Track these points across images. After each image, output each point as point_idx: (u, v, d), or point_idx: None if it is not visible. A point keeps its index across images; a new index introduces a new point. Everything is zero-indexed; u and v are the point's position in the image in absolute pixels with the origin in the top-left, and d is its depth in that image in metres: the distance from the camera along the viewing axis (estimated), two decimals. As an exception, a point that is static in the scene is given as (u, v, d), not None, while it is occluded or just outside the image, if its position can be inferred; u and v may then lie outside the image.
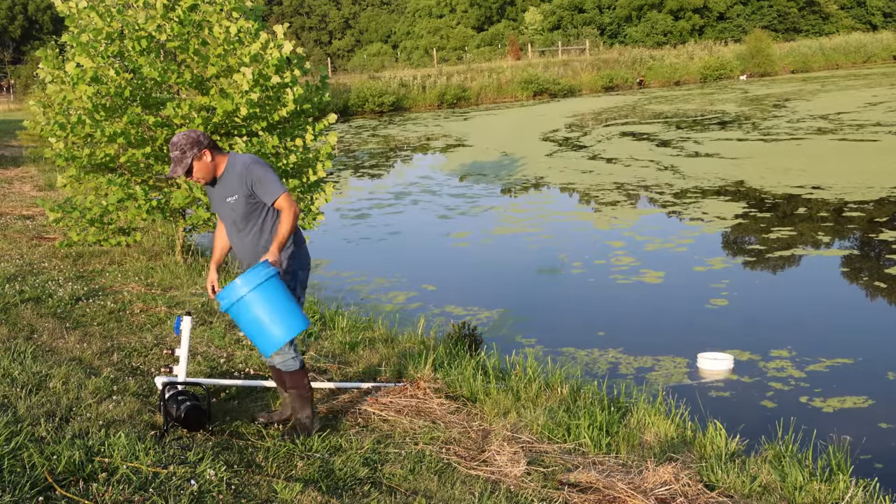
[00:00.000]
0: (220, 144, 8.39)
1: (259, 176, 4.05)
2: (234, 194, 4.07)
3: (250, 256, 4.19)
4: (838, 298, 8.10)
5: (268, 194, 4.06)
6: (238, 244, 4.25)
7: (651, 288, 8.55)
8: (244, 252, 4.24)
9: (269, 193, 4.06)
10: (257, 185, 4.06)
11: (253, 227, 4.15)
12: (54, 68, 8.38)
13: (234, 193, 4.07)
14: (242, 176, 4.05)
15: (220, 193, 4.15)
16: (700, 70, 46.05)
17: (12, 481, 3.38)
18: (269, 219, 4.16)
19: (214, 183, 4.15)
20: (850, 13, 63.59)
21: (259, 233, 4.16)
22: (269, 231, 4.14)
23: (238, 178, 4.06)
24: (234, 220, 4.15)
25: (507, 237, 11.49)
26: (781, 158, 16.44)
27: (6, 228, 10.78)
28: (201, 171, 4.06)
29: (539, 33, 64.48)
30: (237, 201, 4.08)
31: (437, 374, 5.28)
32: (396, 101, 38.60)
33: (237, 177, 4.06)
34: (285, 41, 8.16)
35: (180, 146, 3.98)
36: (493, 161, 19.39)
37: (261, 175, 4.05)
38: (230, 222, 4.19)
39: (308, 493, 3.53)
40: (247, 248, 4.20)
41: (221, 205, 4.18)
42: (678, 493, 3.69)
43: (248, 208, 4.09)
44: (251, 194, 4.07)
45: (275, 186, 4.06)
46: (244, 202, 4.08)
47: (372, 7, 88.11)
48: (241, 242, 4.23)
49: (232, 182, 4.08)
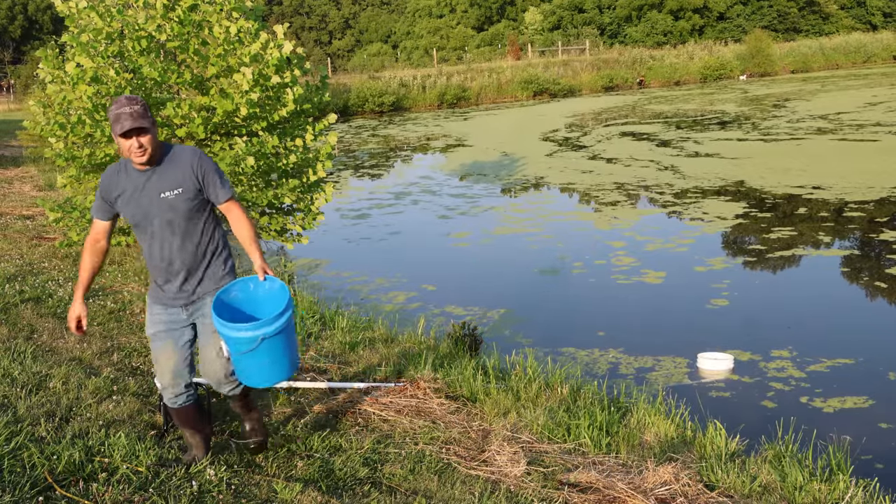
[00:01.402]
0: (219, 144, 8.40)
1: (212, 169, 3.55)
2: (177, 188, 3.47)
3: (185, 266, 3.56)
4: (839, 298, 8.10)
5: (221, 192, 3.56)
6: (165, 251, 3.54)
7: (651, 288, 8.54)
8: (175, 261, 3.55)
9: (223, 191, 3.56)
10: (209, 180, 3.53)
11: (194, 231, 3.55)
12: (54, 68, 8.38)
13: (176, 187, 3.47)
14: (192, 167, 3.50)
15: (153, 186, 3.47)
16: (700, 70, 46.05)
17: (12, 481, 3.38)
18: (210, 222, 3.62)
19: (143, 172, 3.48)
20: (850, 13, 63.59)
21: (199, 238, 3.57)
22: (210, 237, 3.61)
23: (185, 169, 3.49)
24: (169, 220, 3.49)
25: (507, 237, 11.49)
26: (781, 158, 16.44)
27: (6, 228, 10.77)
28: (155, 140, 3.44)
29: (539, 33, 64.48)
30: (179, 197, 3.47)
31: (437, 374, 5.28)
32: (396, 101, 38.60)
33: (184, 168, 3.49)
34: (285, 41, 8.16)
35: (141, 102, 3.38)
36: (493, 161, 19.39)
37: (213, 169, 3.55)
38: (161, 223, 3.50)
39: (308, 493, 3.53)
40: (182, 255, 3.54)
41: (150, 202, 3.48)
42: (678, 493, 3.69)
43: (191, 206, 3.51)
44: (200, 190, 3.52)
45: (227, 184, 3.60)
46: (188, 198, 3.49)
47: (372, 7, 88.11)
48: (174, 249, 3.54)
49: (175, 173, 3.48)
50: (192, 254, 3.56)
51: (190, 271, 3.57)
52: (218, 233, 3.66)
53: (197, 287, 3.60)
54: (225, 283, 3.62)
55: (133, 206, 3.51)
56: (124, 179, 3.51)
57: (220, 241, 3.68)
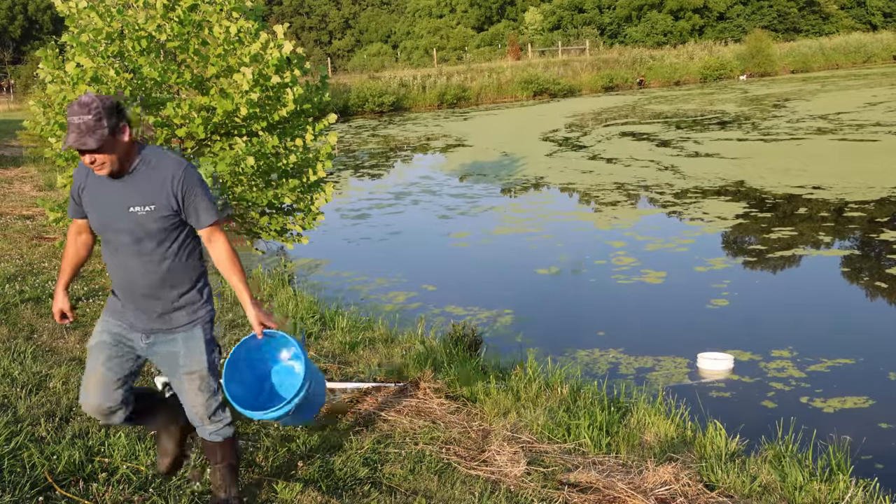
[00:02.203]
0: (219, 144, 8.39)
1: (196, 188, 2.99)
2: (149, 204, 2.93)
3: (152, 294, 3.04)
4: (839, 298, 8.10)
5: (203, 215, 3.01)
6: (129, 273, 3.03)
7: (651, 288, 8.54)
8: (140, 286, 3.03)
9: (205, 215, 3.01)
10: (191, 202, 2.98)
11: (165, 255, 3.01)
12: (54, 68, 8.38)
13: (148, 202, 2.93)
14: (171, 184, 2.95)
15: (120, 196, 2.96)
16: (700, 70, 46.05)
17: (12, 481, 3.38)
18: (187, 245, 3.08)
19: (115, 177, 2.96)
20: (850, 13, 63.58)
21: (172, 263, 3.03)
22: (184, 262, 3.07)
23: (163, 182, 2.95)
24: (137, 238, 2.96)
25: (507, 237, 11.49)
26: (781, 158, 16.44)
27: (6, 228, 10.77)
28: (116, 152, 2.87)
29: (539, 33, 64.48)
30: (150, 214, 2.94)
31: (437, 374, 5.27)
32: (396, 101, 38.59)
33: (161, 182, 2.95)
34: (285, 41, 8.16)
35: (95, 109, 2.78)
36: (493, 161, 19.39)
37: (199, 187, 3.00)
38: (126, 240, 2.98)
39: (308, 493, 3.53)
40: (148, 280, 3.02)
41: (117, 213, 2.97)
42: (678, 493, 3.69)
43: (163, 226, 2.97)
44: (177, 210, 2.98)
45: (212, 207, 3.04)
46: (161, 217, 2.95)
47: (372, 7, 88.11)
48: (139, 273, 3.02)
49: (148, 186, 2.95)
50: (162, 280, 3.02)
51: (157, 300, 3.04)
52: (195, 256, 3.13)
53: (164, 317, 3.07)
54: (202, 315, 3.12)
55: (97, 214, 3.02)
56: (94, 180, 3.01)
57: (199, 266, 3.15)
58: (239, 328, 6.34)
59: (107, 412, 3.07)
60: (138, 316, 3.07)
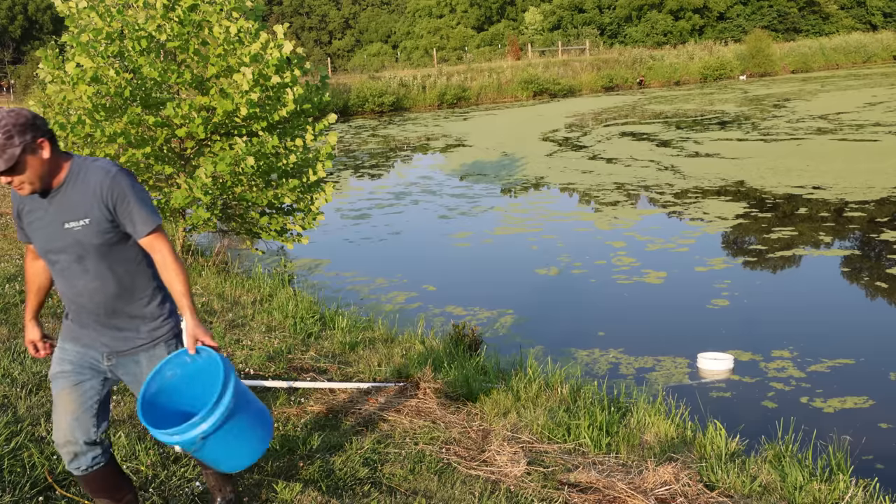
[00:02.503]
0: (219, 144, 8.39)
1: (127, 193, 2.73)
2: (83, 218, 2.71)
3: (105, 313, 2.83)
4: (839, 298, 8.10)
5: (140, 224, 2.75)
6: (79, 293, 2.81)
7: (652, 288, 8.54)
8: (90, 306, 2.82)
9: (143, 224, 2.75)
10: (123, 207, 2.73)
11: (113, 270, 2.80)
12: (54, 68, 8.38)
13: (81, 217, 2.71)
14: (100, 193, 2.71)
15: (53, 214, 2.74)
16: (700, 70, 46.06)
17: (12, 481, 3.38)
18: (135, 259, 2.85)
19: (45, 195, 2.74)
20: (850, 13, 63.59)
21: (122, 278, 2.82)
22: (135, 275, 2.85)
23: (93, 193, 2.71)
24: (78, 255, 2.75)
25: (507, 237, 11.49)
26: (782, 158, 16.44)
27: (6, 228, 10.77)
28: (35, 171, 2.64)
29: (539, 33, 64.49)
30: (87, 229, 2.72)
31: (437, 374, 5.27)
32: (396, 101, 38.60)
33: (91, 191, 2.71)
34: (285, 41, 8.17)
35: (4, 128, 2.55)
36: (494, 161, 19.39)
37: (130, 192, 2.74)
38: (68, 259, 2.77)
39: (308, 493, 3.53)
40: (98, 299, 2.81)
41: (54, 232, 2.75)
42: (678, 493, 3.69)
43: (104, 240, 2.75)
44: (112, 220, 2.74)
45: (150, 213, 2.77)
46: (99, 229, 2.73)
47: (372, 7, 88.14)
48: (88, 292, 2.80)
49: (79, 199, 2.72)
50: (113, 299, 2.82)
51: (111, 320, 2.84)
52: (148, 269, 2.89)
53: (122, 338, 2.87)
54: (164, 333, 2.90)
55: (36, 236, 2.81)
56: (29, 200, 2.78)
57: (154, 279, 2.91)
58: (239, 328, 6.34)
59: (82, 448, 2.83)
60: (95, 339, 2.87)
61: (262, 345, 5.85)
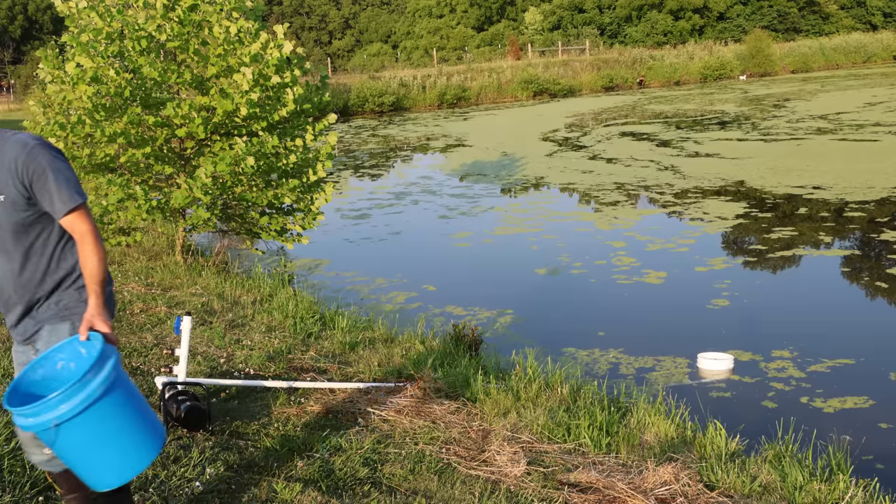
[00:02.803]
0: (219, 144, 8.39)
1: (46, 168, 2.53)
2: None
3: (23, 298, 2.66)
4: (839, 298, 8.10)
5: (58, 202, 2.55)
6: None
7: (652, 288, 8.54)
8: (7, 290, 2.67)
9: (61, 202, 2.55)
10: (41, 186, 2.54)
11: (32, 251, 2.63)
12: (54, 68, 8.39)
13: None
14: (16, 168, 2.52)
15: None
16: (700, 70, 46.08)
17: (12, 481, 3.38)
18: (53, 239, 2.66)
19: None
20: (850, 13, 63.61)
21: (41, 259, 2.64)
22: (51, 259, 2.65)
23: (8, 168, 2.53)
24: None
25: (507, 237, 11.49)
26: (782, 158, 16.44)
27: None
28: None
29: (539, 33, 64.51)
30: (2, 206, 2.56)
31: (437, 374, 5.27)
32: (396, 101, 38.61)
33: (6, 167, 2.53)
34: (285, 41, 8.17)
35: None
36: (494, 161, 19.39)
37: (49, 168, 2.53)
38: None
39: (308, 493, 3.53)
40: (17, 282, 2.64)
41: None
42: (678, 493, 3.69)
43: (21, 219, 2.58)
44: (30, 198, 2.56)
45: (70, 190, 2.56)
46: (15, 208, 2.56)
47: (372, 7, 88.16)
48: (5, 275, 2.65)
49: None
50: (36, 283, 2.63)
51: (31, 304, 2.67)
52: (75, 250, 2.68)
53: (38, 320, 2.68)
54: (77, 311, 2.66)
55: None
56: None
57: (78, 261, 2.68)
58: (239, 328, 6.34)
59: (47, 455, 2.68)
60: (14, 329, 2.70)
61: (262, 345, 5.85)
